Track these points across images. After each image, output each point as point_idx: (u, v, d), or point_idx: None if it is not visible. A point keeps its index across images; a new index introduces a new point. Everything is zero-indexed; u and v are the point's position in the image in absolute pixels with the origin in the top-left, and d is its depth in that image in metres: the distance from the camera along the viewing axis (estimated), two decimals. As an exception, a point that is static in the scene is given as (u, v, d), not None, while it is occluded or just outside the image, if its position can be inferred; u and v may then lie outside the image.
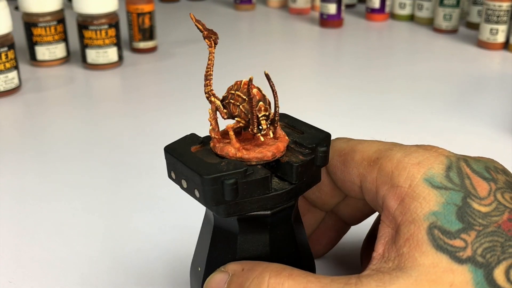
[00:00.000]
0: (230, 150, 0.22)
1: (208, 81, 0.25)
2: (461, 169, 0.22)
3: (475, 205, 0.21)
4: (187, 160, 0.22)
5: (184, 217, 0.36)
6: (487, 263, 0.19)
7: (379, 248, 0.22)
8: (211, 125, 0.23)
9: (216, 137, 0.23)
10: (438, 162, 0.22)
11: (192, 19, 0.24)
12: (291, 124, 0.25)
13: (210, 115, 0.24)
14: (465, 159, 0.23)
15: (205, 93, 0.24)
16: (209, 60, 0.25)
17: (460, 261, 0.20)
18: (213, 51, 0.25)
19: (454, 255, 0.20)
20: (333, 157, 0.25)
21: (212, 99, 0.24)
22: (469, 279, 0.19)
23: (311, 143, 0.23)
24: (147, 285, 0.30)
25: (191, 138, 0.24)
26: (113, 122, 0.53)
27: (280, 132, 0.23)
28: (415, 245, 0.20)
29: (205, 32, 0.24)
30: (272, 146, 0.22)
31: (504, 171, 0.23)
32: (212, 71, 0.25)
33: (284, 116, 0.25)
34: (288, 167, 0.22)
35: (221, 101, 0.24)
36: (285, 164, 0.22)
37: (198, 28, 0.24)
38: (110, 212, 0.37)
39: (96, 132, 0.51)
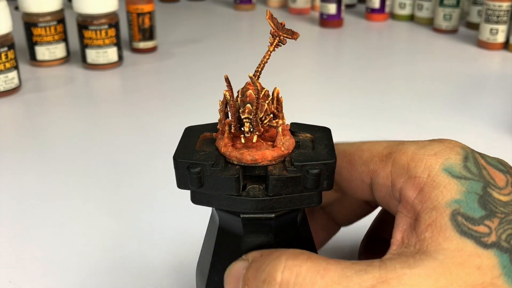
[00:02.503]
0: (220, 144, 0.22)
1: (257, 78, 0.24)
2: (477, 160, 0.22)
3: (495, 194, 0.21)
4: (183, 142, 0.23)
5: (184, 217, 0.36)
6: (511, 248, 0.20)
7: (397, 235, 0.21)
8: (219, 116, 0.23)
9: (220, 129, 0.23)
10: (455, 153, 0.22)
11: (266, 14, 0.24)
12: (318, 140, 0.23)
13: (219, 106, 0.23)
14: (478, 152, 0.23)
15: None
16: (263, 57, 0.24)
17: (485, 246, 0.20)
18: (271, 49, 0.24)
19: (479, 240, 0.20)
20: (337, 157, 0.24)
21: (225, 92, 0.23)
22: (496, 262, 0.20)
23: (302, 162, 0.21)
24: (147, 285, 0.30)
25: (215, 125, 0.24)
26: (113, 122, 0.53)
27: (281, 141, 0.22)
28: (438, 230, 0.20)
29: (272, 30, 0.24)
30: (258, 151, 0.22)
31: None
32: (262, 69, 0.24)
33: (319, 130, 0.24)
34: (267, 177, 0.21)
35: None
36: (267, 173, 0.22)
37: (270, 24, 0.24)
38: (110, 212, 0.37)
39: (96, 132, 0.51)
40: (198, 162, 0.21)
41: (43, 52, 0.67)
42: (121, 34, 0.68)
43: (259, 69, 0.24)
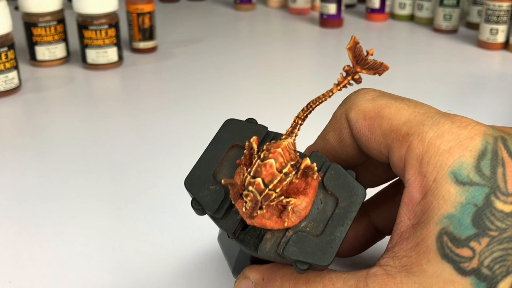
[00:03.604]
0: (237, 182, 0.21)
1: (303, 112, 0.22)
2: (497, 153, 0.20)
3: (498, 204, 0.19)
4: (210, 150, 0.22)
5: (184, 217, 0.36)
6: (492, 276, 0.18)
7: (394, 238, 0.21)
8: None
9: (243, 160, 0.21)
10: (472, 147, 0.20)
11: (350, 42, 0.20)
12: (339, 214, 0.21)
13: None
14: (504, 137, 0.20)
15: (297, 116, 0.22)
16: (322, 94, 0.21)
17: (463, 272, 0.19)
18: (335, 90, 0.21)
19: (458, 266, 0.19)
20: (358, 120, 0.23)
21: (253, 139, 0.21)
22: None
23: (293, 254, 0.20)
24: (147, 285, 0.30)
25: (257, 130, 0.23)
26: (113, 122, 0.53)
27: (287, 216, 0.20)
28: (424, 251, 0.19)
29: (346, 66, 0.21)
30: (258, 219, 0.20)
31: None
32: (316, 106, 0.21)
33: (353, 194, 0.21)
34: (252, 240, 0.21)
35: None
36: (255, 234, 0.21)
37: (348, 56, 0.20)
38: (110, 212, 0.37)
39: (96, 132, 0.51)
40: (202, 202, 0.21)
41: (43, 52, 0.67)
42: (121, 34, 0.68)
43: (306, 113, 0.22)
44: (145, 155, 0.45)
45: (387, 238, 0.28)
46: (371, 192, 0.27)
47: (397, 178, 0.27)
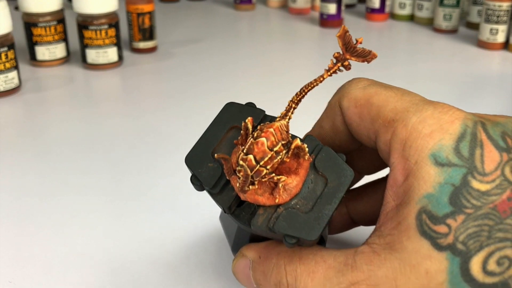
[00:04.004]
0: (233, 159, 0.22)
1: (297, 96, 0.23)
2: (476, 136, 0.21)
3: (475, 183, 0.20)
4: (211, 130, 0.24)
5: (184, 218, 0.36)
6: (466, 251, 0.19)
7: (381, 218, 0.22)
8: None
9: (240, 139, 0.23)
10: (451, 130, 0.21)
11: (340, 30, 0.22)
12: (328, 192, 0.22)
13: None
14: (483, 122, 0.21)
15: (291, 100, 0.23)
16: (314, 80, 0.23)
17: (440, 248, 0.20)
18: (325, 76, 0.23)
19: (435, 242, 0.20)
20: (349, 108, 0.24)
21: (248, 120, 0.22)
22: (444, 267, 0.19)
23: (282, 229, 0.21)
24: (147, 285, 0.30)
25: (256, 114, 0.24)
26: (113, 122, 0.53)
27: (279, 193, 0.22)
28: (404, 229, 0.20)
29: (336, 53, 0.22)
30: (251, 195, 0.22)
31: None
32: (308, 90, 0.23)
33: (342, 174, 0.22)
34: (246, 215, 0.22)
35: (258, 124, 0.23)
36: (250, 211, 0.22)
37: (338, 43, 0.22)
38: (110, 212, 0.37)
39: (96, 132, 0.51)
40: (200, 178, 0.22)
41: (43, 52, 0.67)
42: (121, 34, 0.68)
43: (305, 90, 0.23)
44: (145, 155, 0.45)
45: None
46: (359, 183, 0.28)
47: (379, 178, 0.29)
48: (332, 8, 0.85)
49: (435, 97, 0.24)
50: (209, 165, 0.23)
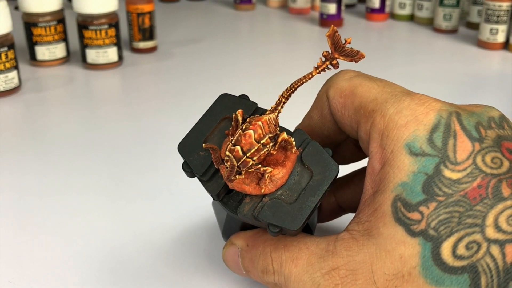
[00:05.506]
0: (223, 149, 0.24)
1: (287, 91, 0.24)
2: (450, 126, 0.22)
3: (447, 172, 0.21)
4: (204, 120, 0.25)
5: (184, 218, 0.36)
6: (437, 236, 0.20)
7: (360, 205, 0.23)
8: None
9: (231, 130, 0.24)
10: (426, 121, 0.22)
11: (329, 30, 0.22)
12: (312, 186, 0.23)
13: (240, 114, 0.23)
14: (458, 112, 0.22)
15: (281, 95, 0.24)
16: (303, 76, 0.23)
17: (413, 234, 0.20)
18: (314, 73, 0.23)
19: (409, 228, 0.21)
20: (335, 98, 0.25)
21: (239, 112, 0.23)
22: (417, 252, 0.20)
23: (266, 218, 0.22)
24: (147, 285, 0.30)
25: (248, 106, 0.25)
26: (113, 122, 0.53)
27: (265, 184, 0.22)
28: (380, 216, 0.21)
29: (325, 52, 0.23)
30: (239, 184, 0.23)
31: (499, 122, 0.23)
32: (298, 86, 0.23)
33: (327, 169, 0.23)
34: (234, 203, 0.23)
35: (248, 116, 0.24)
36: (238, 199, 0.23)
37: (328, 43, 0.22)
38: (110, 212, 0.37)
39: (96, 132, 0.51)
40: (191, 165, 0.23)
41: (43, 52, 0.67)
42: (121, 34, 0.68)
43: (295, 85, 0.24)
44: (145, 154, 0.45)
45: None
46: (343, 172, 0.28)
47: (365, 167, 0.29)
48: (332, 8, 0.85)
49: (435, 97, 0.24)
50: (200, 153, 0.23)
